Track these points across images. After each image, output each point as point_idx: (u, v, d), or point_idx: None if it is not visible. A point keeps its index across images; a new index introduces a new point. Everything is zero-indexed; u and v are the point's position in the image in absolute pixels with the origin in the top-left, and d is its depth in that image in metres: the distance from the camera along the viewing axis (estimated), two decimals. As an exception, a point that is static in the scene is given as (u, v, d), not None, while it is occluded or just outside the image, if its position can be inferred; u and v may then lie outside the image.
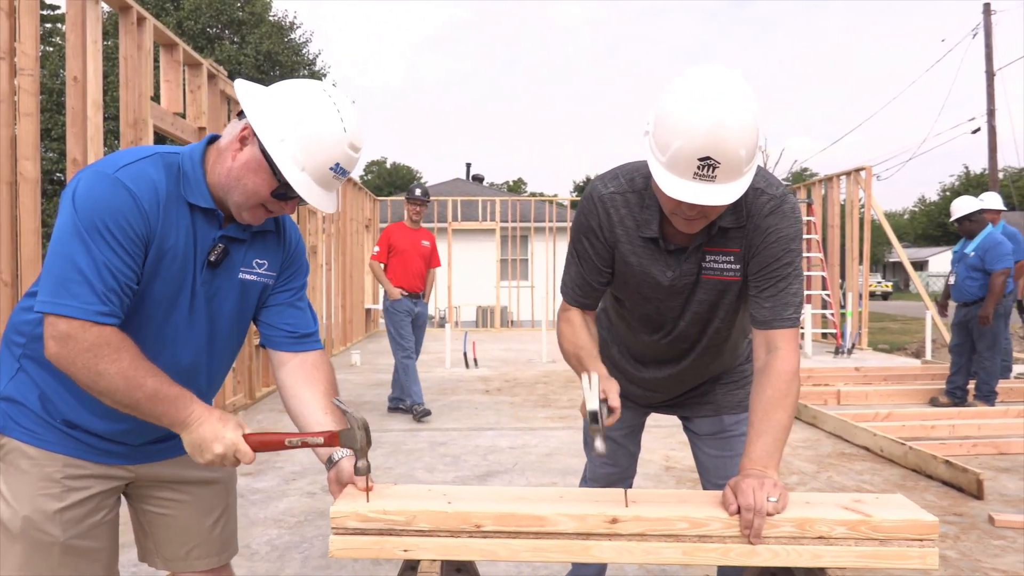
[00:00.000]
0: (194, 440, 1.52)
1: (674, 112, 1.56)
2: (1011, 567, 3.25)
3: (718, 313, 1.92)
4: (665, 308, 1.94)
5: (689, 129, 1.53)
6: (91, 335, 1.43)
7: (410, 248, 6.66)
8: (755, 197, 1.76)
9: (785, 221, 1.77)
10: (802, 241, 1.83)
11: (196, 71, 6.20)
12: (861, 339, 12.14)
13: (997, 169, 22.90)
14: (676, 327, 1.97)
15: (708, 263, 1.84)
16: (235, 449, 1.53)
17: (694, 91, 1.55)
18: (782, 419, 1.65)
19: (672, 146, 1.56)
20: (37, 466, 1.60)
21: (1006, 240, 6.68)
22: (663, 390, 2.18)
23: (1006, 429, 5.73)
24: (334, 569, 3.24)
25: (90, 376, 1.44)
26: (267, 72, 22.45)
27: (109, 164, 1.50)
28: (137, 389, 1.45)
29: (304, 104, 1.52)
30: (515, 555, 1.49)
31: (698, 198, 1.57)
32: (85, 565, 1.66)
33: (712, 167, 1.54)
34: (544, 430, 6.06)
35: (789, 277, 1.77)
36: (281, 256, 1.77)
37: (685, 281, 1.87)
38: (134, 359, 1.46)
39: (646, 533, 1.49)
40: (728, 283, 1.85)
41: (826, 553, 1.47)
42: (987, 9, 21.85)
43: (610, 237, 1.88)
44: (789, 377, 1.69)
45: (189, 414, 1.51)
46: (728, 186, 1.58)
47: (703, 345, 2.00)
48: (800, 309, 1.79)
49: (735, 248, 1.81)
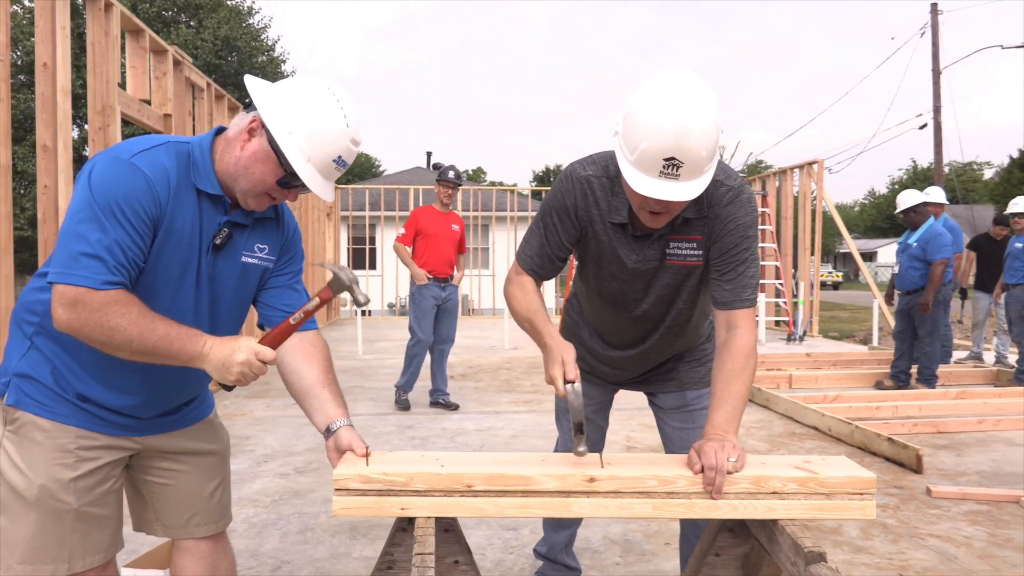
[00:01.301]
0: (216, 362, 1.60)
1: (642, 115, 1.70)
2: (945, 532, 3.52)
3: (681, 295, 2.09)
4: (629, 289, 2.10)
5: (656, 132, 1.67)
6: (99, 297, 1.52)
7: (439, 232, 6.34)
8: (714, 188, 1.91)
9: (742, 210, 1.93)
10: (758, 228, 2.00)
11: (161, 58, 6.18)
12: (812, 327, 12.57)
13: (942, 164, 23.71)
14: (640, 307, 2.12)
15: (672, 249, 1.99)
16: (255, 352, 1.62)
17: (660, 96, 1.69)
18: (741, 390, 1.83)
19: (640, 147, 1.70)
20: (51, 438, 1.70)
21: (946, 232, 7.04)
22: (630, 368, 2.35)
23: (944, 410, 6.08)
24: (311, 544, 3.37)
25: (104, 333, 1.53)
26: (224, 57, 22.06)
27: (124, 150, 1.60)
28: (151, 333, 1.55)
29: (311, 100, 1.64)
30: (503, 512, 1.65)
31: (663, 194, 1.71)
32: (95, 531, 1.77)
33: (676, 166, 1.68)
34: (509, 413, 6.23)
35: (747, 261, 1.94)
36: (280, 241, 1.88)
37: (649, 265, 2.03)
38: (141, 310, 1.56)
39: (620, 490, 1.66)
40: (691, 268, 2.02)
41: (779, 506, 1.66)
42: (934, 9, 22.55)
43: (583, 216, 2.02)
44: (747, 352, 1.88)
45: (203, 344, 1.61)
46: (691, 183, 1.72)
47: (666, 325, 2.17)
48: (757, 290, 1.96)
49: (697, 236, 1.97)
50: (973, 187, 52.60)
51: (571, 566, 2.63)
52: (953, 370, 7.83)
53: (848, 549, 3.33)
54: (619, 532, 3.51)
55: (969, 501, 3.97)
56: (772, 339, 11.78)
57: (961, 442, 5.29)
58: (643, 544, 3.37)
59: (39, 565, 1.72)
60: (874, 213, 61.91)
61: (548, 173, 60.49)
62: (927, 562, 3.18)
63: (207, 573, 1.98)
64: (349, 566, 3.12)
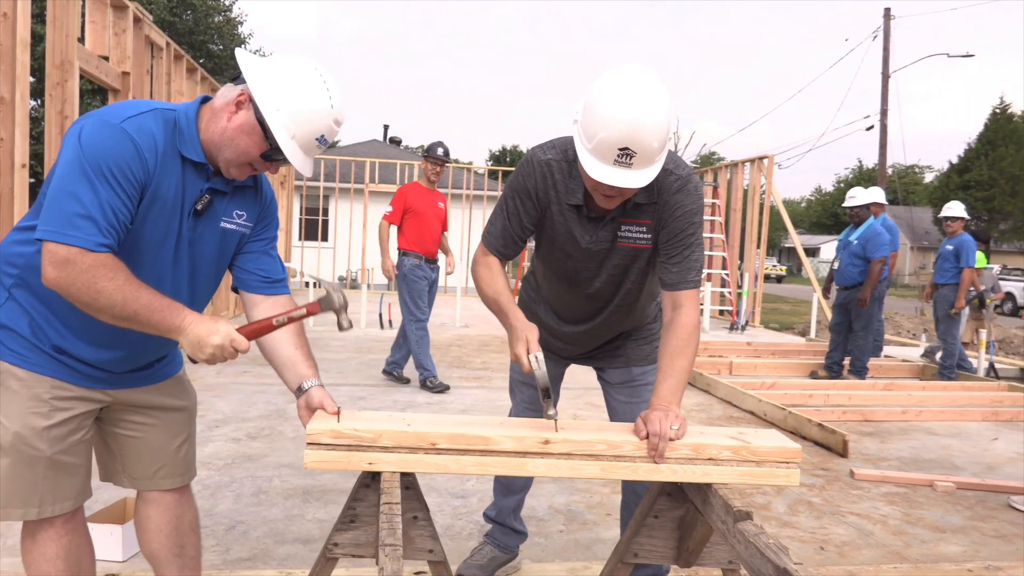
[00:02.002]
0: (192, 339, 1.68)
1: (600, 107, 1.83)
2: (864, 511, 3.79)
3: (630, 275, 2.24)
4: (583, 268, 2.24)
5: (612, 123, 1.80)
6: (89, 259, 1.58)
7: (428, 210, 6.14)
8: (664, 177, 2.05)
9: (689, 198, 2.08)
10: (703, 215, 2.15)
11: (122, 14, 6.07)
12: (755, 317, 12.99)
13: (886, 165, 24.52)
14: (592, 286, 2.27)
15: (623, 232, 2.13)
16: (230, 339, 1.70)
17: (618, 90, 1.82)
18: (684, 364, 1.99)
19: (597, 136, 1.83)
20: (26, 387, 1.76)
21: (885, 232, 7.39)
22: (581, 343, 2.49)
23: (872, 400, 6.43)
24: (265, 506, 3.45)
25: (89, 295, 1.59)
26: (179, 15, 21.45)
27: (113, 114, 1.66)
28: (134, 301, 1.61)
29: (299, 80, 1.72)
30: (464, 469, 1.77)
31: (617, 181, 1.85)
32: (65, 478, 1.83)
33: (630, 156, 1.82)
34: (459, 389, 6.36)
35: (692, 246, 2.09)
36: (258, 209, 1.96)
37: (601, 246, 2.16)
38: (128, 277, 1.62)
39: (572, 453, 1.80)
40: (640, 250, 2.16)
41: (714, 471, 1.82)
42: (887, 13, 23.20)
43: (543, 198, 2.15)
44: (691, 330, 2.03)
45: (183, 319, 1.68)
46: (642, 171, 1.87)
47: (616, 303, 2.31)
48: (701, 273, 2.12)
49: (647, 220, 2.11)
50: (914, 189, 54.47)
51: (519, 530, 2.78)
52: (883, 363, 8.24)
53: (775, 523, 3.56)
54: (563, 503, 3.69)
55: (888, 484, 4.26)
56: (715, 327, 12.14)
57: (885, 430, 5.62)
58: (585, 514, 3.55)
59: (10, 509, 1.79)
60: (820, 210, 63.56)
61: (504, 154, 60.35)
62: (846, 536, 3.43)
63: (172, 523, 2.06)
64: (303, 527, 3.22)
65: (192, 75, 8.33)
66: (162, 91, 7.26)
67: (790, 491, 4.03)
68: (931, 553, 3.29)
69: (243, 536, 3.09)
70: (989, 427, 5.89)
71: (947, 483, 4.19)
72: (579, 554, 3.09)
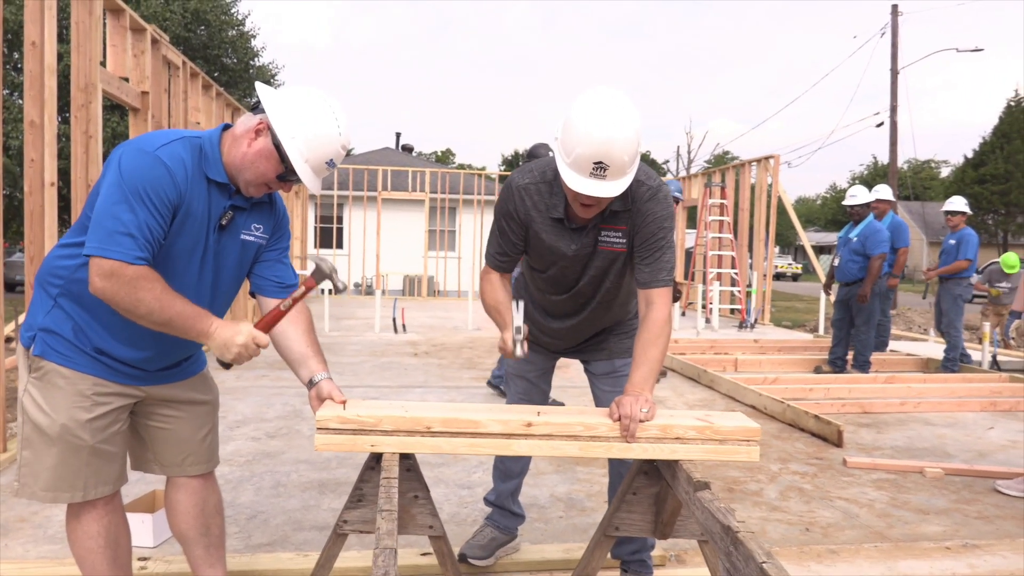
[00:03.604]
0: (219, 342, 1.94)
1: (576, 126, 2.10)
2: (852, 496, 3.97)
3: (609, 276, 2.48)
4: (568, 272, 2.49)
5: (586, 140, 2.07)
6: (131, 271, 1.83)
7: None
8: (637, 187, 2.29)
9: (659, 206, 2.32)
10: (674, 220, 2.38)
11: (140, 36, 6.36)
12: (764, 315, 13.12)
13: (897, 162, 24.49)
14: (576, 286, 2.53)
15: (603, 238, 2.38)
16: (252, 336, 1.96)
17: (591, 110, 2.09)
18: (655, 354, 2.21)
19: (575, 152, 2.10)
20: (71, 384, 2.00)
21: (884, 229, 7.55)
22: (567, 338, 2.72)
23: (872, 393, 6.59)
24: (284, 497, 3.69)
25: (131, 302, 1.84)
26: (194, 31, 21.81)
27: (148, 143, 1.90)
28: (169, 308, 1.87)
29: (312, 110, 1.98)
30: (456, 449, 2.00)
31: (592, 191, 2.11)
32: (106, 465, 2.08)
33: (603, 168, 2.08)
34: (470, 389, 6.58)
35: (663, 248, 2.32)
36: (273, 222, 2.21)
37: (584, 252, 2.41)
38: (164, 287, 1.88)
39: (552, 434, 2.02)
40: (618, 253, 2.41)
41: (680, 449, 2.03)
42: (894, 10, 23.22)
43: (524, 218, 2.42)
44: (662, 324, 2.25)
45: (210, 325, 1.93)
46: (615, 182, 2.12)
47: (596, 301, 2.56)
48: (672, 273, 2.35)
49: (623, 226, 2.36)
50: (930, 185, 54.07)
51: (517, 512, 2.99)
52: (887, 358, 8.37)
53: (765, 508, 3.75)
54: (564, 491, 3.90)
55: (880, 471, 4.43)
56: (725, 326, 12.29)
57: (883, 421, 5.78)
58: (584, 502, 3.76)
59: (59, 492, 2.03)
60: (834, 207, 63.16)
61: (517, 158, 60.64)
62: (832, 519, 3.62)
63: (199, 506, 2.30)
64: (319, 515, 3.46)
65: (208, 91, 8.63)
66: (179, 108, 7.55)
67: (783, 478, 4.22)
68: (912, 533, 3.46)
69: (263, 524, 3.33)
70: (986, 417, 6.02)
71: (936, 469, 4.35)
72: (576, 537, 3.29)
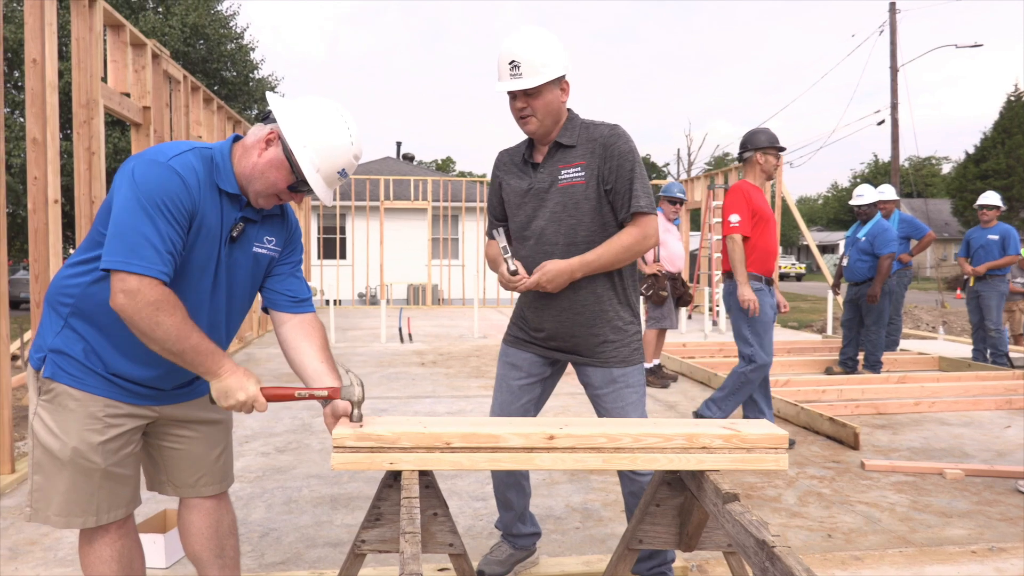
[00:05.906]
0: (222, 388, 1.89)
1: (502, 43, 2.53)
2: (872, 500, 3.91)
3: (570, 213, 2.56)
4: (530, 209, 2.63)
5: (501, 48, 2.52)
6: (155, 292, 1.77)
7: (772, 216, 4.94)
8: (594, 127, 2.59)
9: (621, 140, 2.55)
10: (638, 154, 2.57)
11: (141, 51, 6.33)
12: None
13: (899, 159, 24.45)
14: (537, 223, 2.60)
15: (562, 175, 2.58)
16: (254, 399, 1.91)
17: (513, 32, 2.55)
18: (605, 251, 2.50)
19: (496, 61, 2.54)
20: (82, 406, 1.95)
21: (892, 228, 7.49)
22: (555, 322, 2.61)
23: (886, 393, 6.52)
24: (296, 514, 3.63)
25: (149, 325, 1.78)
26: (192, 44, 21.81)
27: (159, 154, 1.86)
28: (185, 340, 1.81)
29: (323, 119, 1.94)
30: (476, 465, 1.94)
31: (512, 86, 2.48)
32: (119, 488, 2.03)
33: (517, 66, 2.47)
34: (479, 397, 6.52)
35: (636, 178, 2.54)
36: (285, 235, 2.16)
37: (540, 186, 2.61)
38: (185, 316, 1.82)
39: (575, 447, 1.97)
40: (578, 186, 2.56)
41: (707, 459, 1.98)
42: (892, 8, 23.21)
43: (501, 175, 2.77)
44: (623, 237, 2.53)
45: (221, 367, 1.88)
46: (529, 79, 2.46)
47: (563, 245, 2.55)
48: (650, 198, 2.55)
49: (580, 161, 2.56)
50: (932, 181, 53.99)
51: (527, 533, 2.93)
52: (898, 357, 8.30)
53: (785, 514, 3.69)
54: (580, 501, 3.84)
55: (898, 473, 4.37)
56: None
57: (898, 422, 5.71)
58: (601, 511, 3.70)
59: (72, 517, 1.98)
60: (836, 206, 63.11)
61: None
62: (853, 524, 3.56)
63: (213, 527, 2.25)
64: (332, 532, 3.40)
65: (209, 105, 8.61)
66: (181, 122, 7.53)
67: (800, 483, 4.16)
68: (936, 537, 3.40)
69: (276, 542, 3.28)
70: (1003, 415, 5.96)
71: (956, 470, 4.29)
72: (594, 548, 3.24)
